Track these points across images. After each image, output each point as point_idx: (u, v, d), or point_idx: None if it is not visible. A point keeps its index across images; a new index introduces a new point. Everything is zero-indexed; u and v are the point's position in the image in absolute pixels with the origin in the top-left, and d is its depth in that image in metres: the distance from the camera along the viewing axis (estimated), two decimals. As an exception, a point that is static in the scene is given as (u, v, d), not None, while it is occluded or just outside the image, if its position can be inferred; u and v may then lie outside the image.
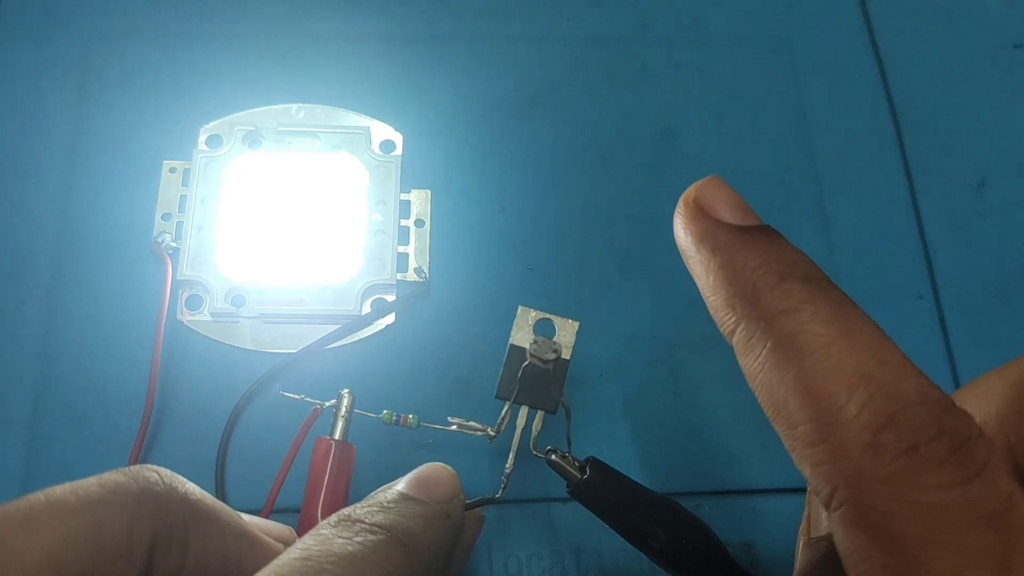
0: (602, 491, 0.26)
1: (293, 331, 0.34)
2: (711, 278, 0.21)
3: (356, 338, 0.34)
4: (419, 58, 0.40)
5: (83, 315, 0.34)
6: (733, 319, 0.20)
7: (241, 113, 0.38)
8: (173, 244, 0.35)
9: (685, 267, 0.34)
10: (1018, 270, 0.38)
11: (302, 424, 0.29)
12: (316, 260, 0.35)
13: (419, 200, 0.37)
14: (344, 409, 0.28)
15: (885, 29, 0.42)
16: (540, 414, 0.27)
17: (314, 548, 0.20)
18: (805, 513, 0.25)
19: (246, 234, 0.35)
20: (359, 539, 0.20)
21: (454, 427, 0.28)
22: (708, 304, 0.21)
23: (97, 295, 0.34)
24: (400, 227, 0.36)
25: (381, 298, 0.35)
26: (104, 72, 0.39)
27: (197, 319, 0.34)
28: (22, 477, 0.31)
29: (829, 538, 0.22)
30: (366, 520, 0.21)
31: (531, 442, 0.27)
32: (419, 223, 0.36)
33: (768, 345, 0.19)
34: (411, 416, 0.28)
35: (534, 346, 0.27)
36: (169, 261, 0.34)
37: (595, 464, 0.27)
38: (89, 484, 0.21)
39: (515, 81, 0.40)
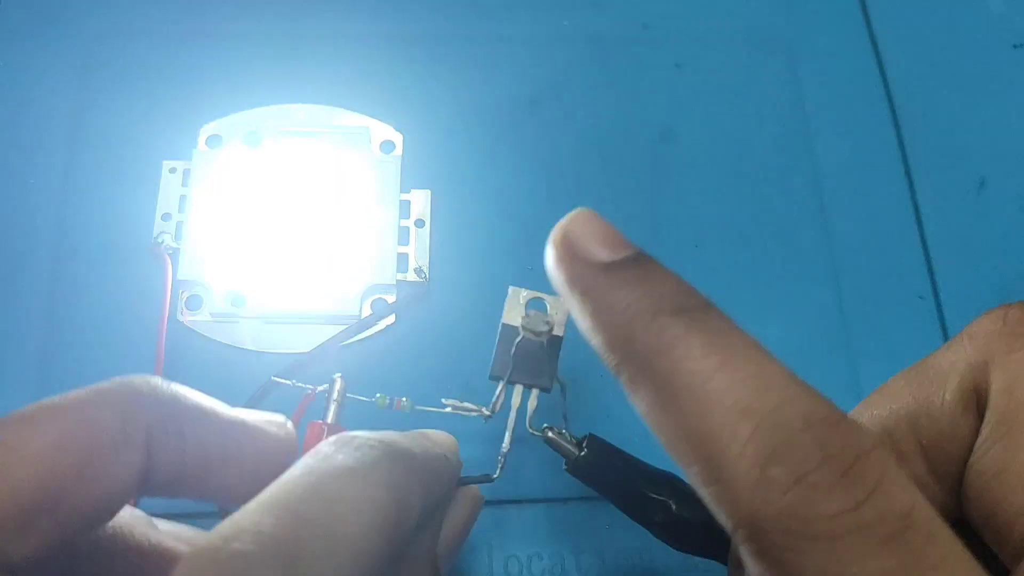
0: (601, 467, 0.26)
1: (293, 331, 0.34)
2: (587, 323, 0.20)
3: (356, 338, 0.34)
4: (419, 58, 0.40)
5: (83, 315, 0.34)
6: (615, 362, 0.19)
7: (241, 113, 0.38)
8: (173, 244, 0.35)
9: (686, 267, 0.34)
10: (1018, 270, 0.38)
11: (294, 412, 0.29)
12: (316, 260, 0.35)
13: (419, 200, 0.37)
14: (336, 393, 0.27)
15: (885, 29, 0.42)
16: (535, 393, 0.27)
17: (315, 464, 0.20)
18: None
19: (246, 234, 0.35)
20: (358, 453, 0.20)
21: (448, 409, 0.28)
22: (591, 341, 0.20)
23: (97, 295, 0.34)
24: (400, 227, 0.36)
25: (381, 298, 0.35)
26: (104, 72, 0.39)
27: (197, 319, 0.34)
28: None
29: None
30: (364, 437, 0.21)
31: (527, 420, 0.26)
32: (419, 223, 0.36)
33: (648, 387, 0.18)
34: (404, 399, 0.28)
35: (526, 319, 0.26)
36: (169, 261, 0.34)
37: (593, 440, 0.26)
38: (78, 390, 0.21)
39: (515, 81, 0.40)
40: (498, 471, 0.26)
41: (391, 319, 0.35)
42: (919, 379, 0.22)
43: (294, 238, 0.35)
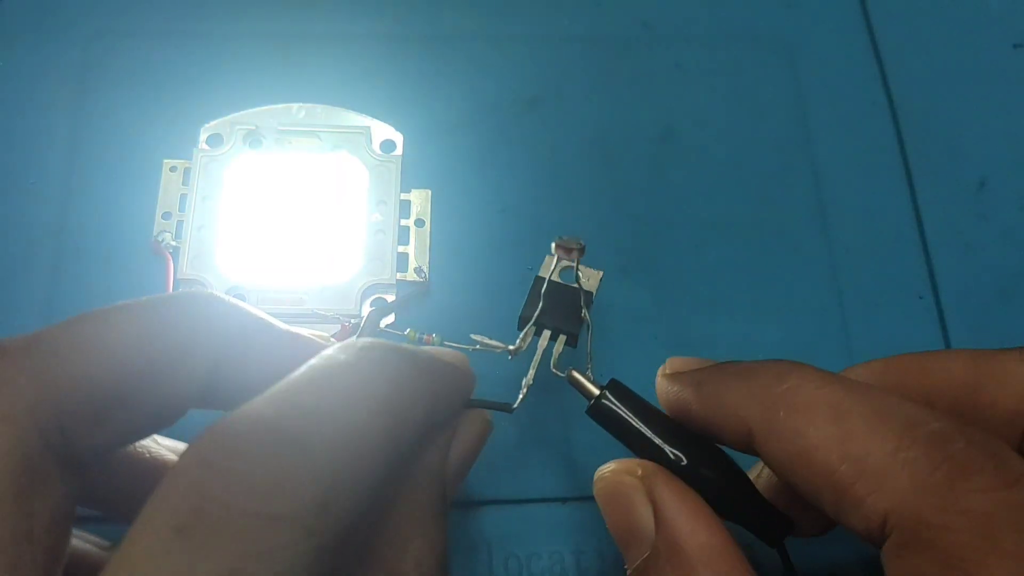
0: (620, 411, 0.26)
1: (293, 331, 0.34)
2: (706, 410, 0.24)
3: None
4: (419, 58, 0.40)
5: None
6: (744, 423, 0.22)
7: (242, 112, 0.38)
8: (173, 243, 0.35)
9: (686, 267, 0.35)
10: (1018, 270, 0.38)
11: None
12: (316, 260, 0.35)
13: (419, 200, 0.37)
14: (367, 323, 0.28)
15: (885, 29, 0.42)
16: (561, 339, 0.28)
17: (318, 361, 0.20)
18: None
19: (246, 233, 0.35)
20: (361, 352, 0.21)
21: (477, 346, 0.28)
22: (717, 430, 0.24)
23: (97, 294, 0.34)
24: (400, 227, 0.36)
25: (381, 298, 0.35)
26: (104, 72, 0.39)
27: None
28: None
29: None
30: (369, 339, 0.22)
31: (552, 362, 0.27)
32: (419, 223, 0.36)
33: (783, 426, 0.20)
34: (434, 335, 0.29)
35: (558, 240, 0.27)
36: (171, 260, 0.34)
37: (616, 384, 0.26)
38: (153, 296, 0.22)
39: (515, 81, 0.40)
40: (518, 402, 0.26)
41: (391, 319, 0.35)
42: (985, 379, 0.23)
43: (294, 237, 0.35)
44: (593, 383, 0.26)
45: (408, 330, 0.29)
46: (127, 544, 0.16)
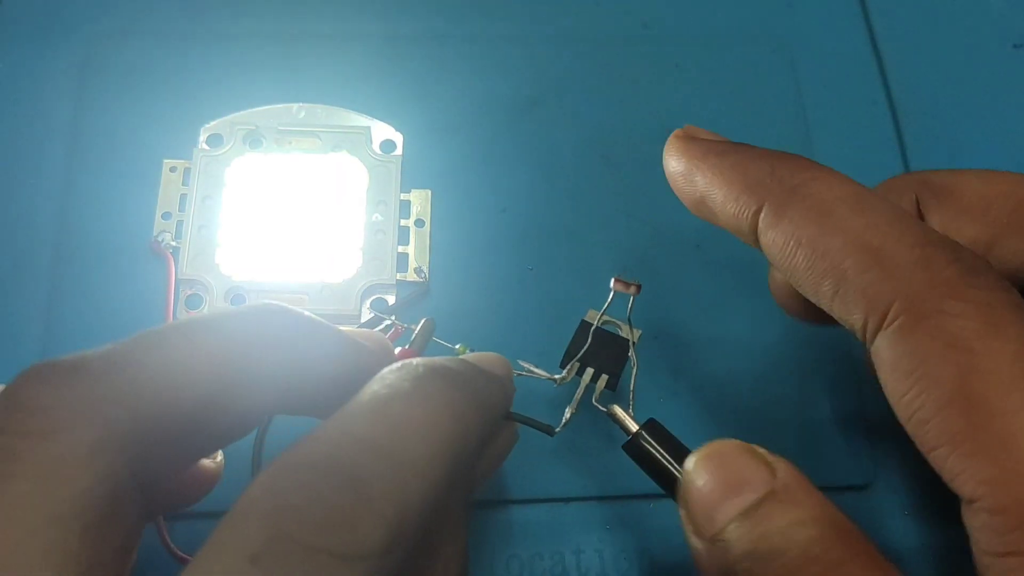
0: (655, 450, 0.26)
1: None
2: (724, 175, 0.23)
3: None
4: (419, 58, 0.40)
5: (83, 314, 0.34)
6: (755, 202, 0.22)
7: (242, 112, 0.38)
8: (173, 243, 0.35)
9: (686, 267, 0.34)
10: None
11: None
12: (316, 259, 0.35)
13: (419, 200, 0.37)
14: (423, 329, 0.29)
15: (885, 29, 0.42)
16: (604, 378, 0.29)
17: (379, 390, 0.20)
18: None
19: (246, 233, 0.35)
20: (423, 380, 0.21)
21: (523, 372, 0.29)
22: (719, 204, 0.24)
23: (97, 294, 0.34)
24: (400, 227, 0.36)
25: (381, 298, 0.35)
26: (104, 72, 0.39)
27: (197, 319, 0.34)
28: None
29: None
30: (429, 365, 0.22)
31: (594, 396, 0.29)
32: (419, 223, 0.36)
33: (803, 206, 0.21)
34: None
35: (617, 276, 0.29)
36: (171, 260, 0.34)
37: (654, 424, 0.27)
38: (227, 309, 0.24)
39: (515, 81, 0.40)
40: (560, 427, 0.27)
41: (391, 319, 0.35)
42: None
43: (294, 237, 0.35)
44: (633, 420, 0.27)
45: (459, 345, 0.29)
46: (201, 563, 0.16)
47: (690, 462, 0.24)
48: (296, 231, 0.35)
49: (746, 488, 0.22)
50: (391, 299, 0.35)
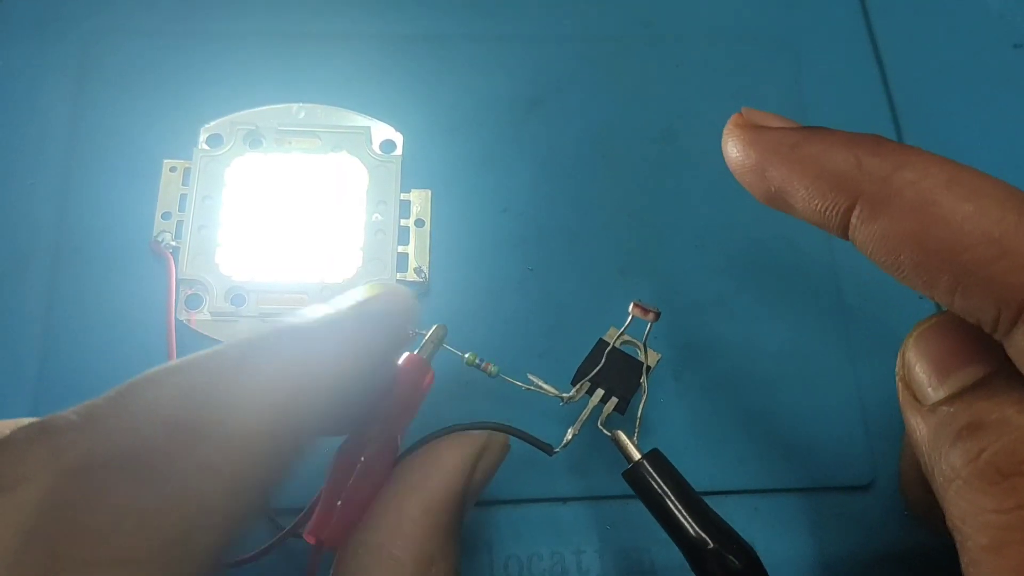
0: (656, 482, 0.26)
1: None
2: (806, 171, 0.21)
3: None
4: (419, 58, 0.40)
5: (82, 313, 0.34)
6: (846, 198, 0.20)
7: (242, 112, 0.38)
8: (173, 243, 0.35)
9: (687, 267, 0.34)
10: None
11: None
12: (316, 260, 0.35)
13: (419, 200, 0.37)
14: (433, 336, 0.29)
15: (885, 29, 0.42)
16: (613, 401, 0.29)
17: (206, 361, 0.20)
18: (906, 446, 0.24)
19: (246, 233, 0.35)
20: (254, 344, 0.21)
21: (531, 387, 0.29)
22: (808, 201, 0.21)
23: (96, 294, 0.34)
24: (400, 227, 0.36)
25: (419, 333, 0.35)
26: (104, 72, 0.39)
27: (197, 318, 0.34)
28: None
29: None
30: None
31: (600, 418, 0.28)
32: (419, 223, 0.36)
33: (902, 198, 0.19)
34: (492, 365, 0.29)
35: (636, 301, 0.28)
36: (171, 260, 0.34)
37: (657, 454, 0.27)
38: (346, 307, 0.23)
39: (515, 81, 0.40)
40: (560, 447, 0.28)
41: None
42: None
43: (294, 237, 0.35)
44: (637, 448, 0.27)
45: (468, 354, 0.29)
46: None
47: (914, 333, 0.23)
48: (296, 231, 0.35)
49: (973, 361, 0.21)
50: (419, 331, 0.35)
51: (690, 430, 0.34)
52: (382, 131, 0.38)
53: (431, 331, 0.29)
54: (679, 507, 0.26)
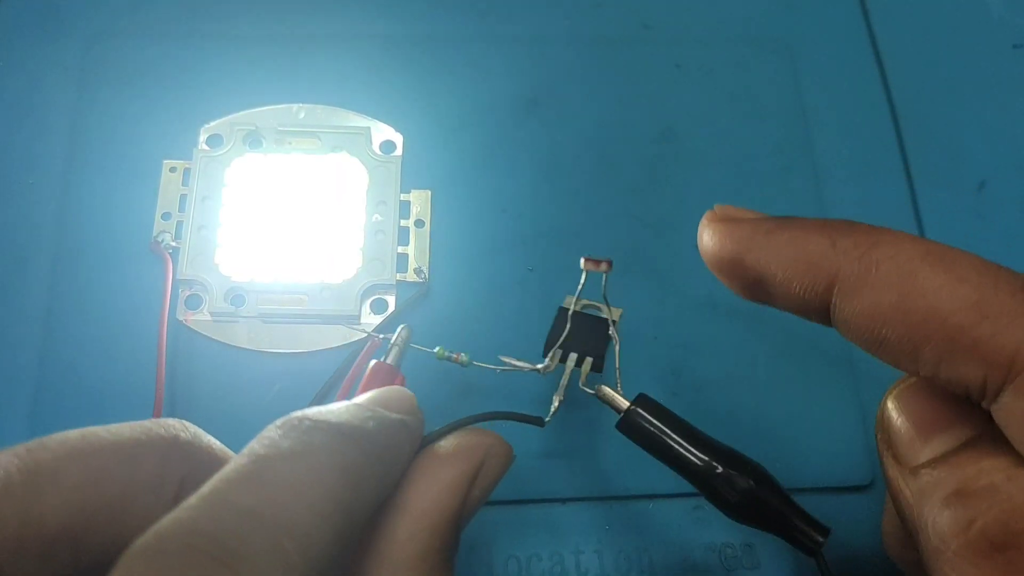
0: (650, 423, 0.26)
1: (292, 331, 0.34)
2: (783, 256, 0.21)
3: (355, 339, 0.34)
4: (419, 58, 0.40)
5: (82, 313, 0.34)
6: (824, 278, 0.21)
7: (242, 113, 0.38)
8: (173, 243, 0.35)
9: (686, 267, 0.34)
10: (1018, 270, 0.38)
11: (360, 354, 0.31)
12: (316, 260, 0.35)
13: (419, 200, 0.37)
14: (399, 340, 0.28)
15: (885, 29, 0.43)
16: (588, 360, 0.29)
17: (259, 449, 0.19)
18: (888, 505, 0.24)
19: (246, 234, 0.35)
20: (306, 436, 0.20)
21: (505, 367, 0.29)
22: (786, 285, 0.22)
23: (96, 294, 0.34)
24: (400, 227, 0.36)
25: (381, 298, 0.35)
26: (104, 72, 0.39)
27: (196, 319, 0.34)
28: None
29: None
30: (312, 418, 0.20)
31: (580, 380, 0.28)
32: (419, 223, 0.36)
33: (880, 273, 0.20)
34: (462, 354, 0.29)
35: (586, 256, 0.28)
36: (170, 260, 0.34)
37: (644, 398, 0.27)
38: (122, 425, 0.21)
39: (515, 81, 0.40)
40: (549, 416, 0.27)
41: (367, 333, 0.35)
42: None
43: (294, 238, 0.35)
44: (623, 397, 0.27)
45: (438, 348, 0.29)
46: None
47: (893, 391, 0.23)
48: (296, 232, 0.35)
49: (953, 427, 0.21)
50: (391, 299, 0.35)
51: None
52: (382, 131, 0.38)
53: (396, 334, 0.28)
54: (679, 441, 0.26)
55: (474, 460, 0.24)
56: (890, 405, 0.22)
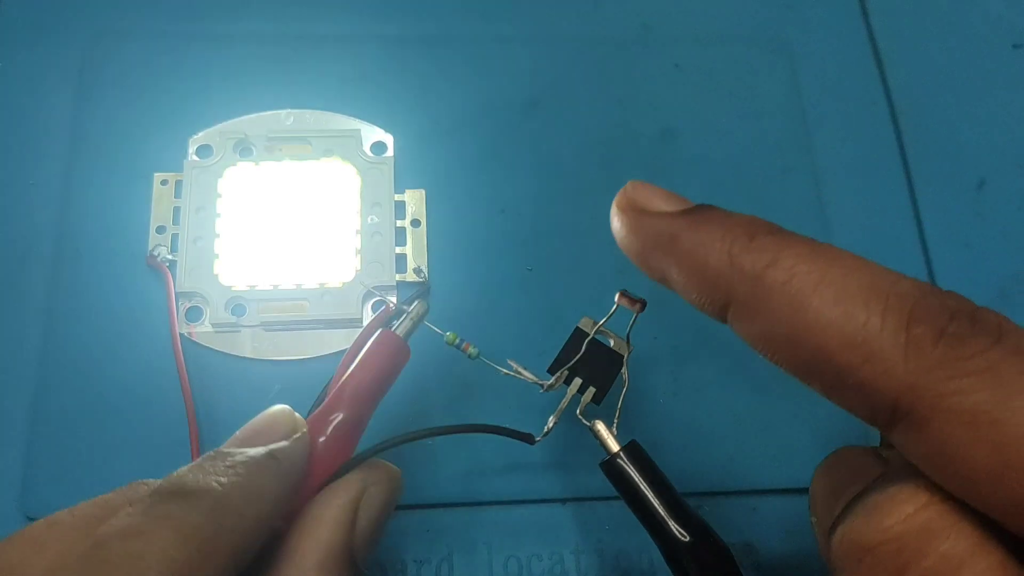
0: (632, 474, 0.27)
1: (296, 338, 0.35)
2: (683, 266, 0.22)
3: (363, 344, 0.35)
4: (408, 60, 0.41)
5: (81, 330, 0.35)
6: (721, 296, 0.21)
7: (229, 121, 0.39)
8: (169, 256, 0.35)
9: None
10: (1018, 270, 0.38)
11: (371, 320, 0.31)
12: (314, 265, 0.36)
13: (413, 200, 0.37)
14: (414, 312, 0.28)
15: (885, 29, 0.43)
16: (591, 390, 0.29)
17: (102, 537, 0.19)
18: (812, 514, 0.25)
19: (243, 243, 0.36)
20: (143, 507, 0.20)
21: (511, 372, 0.29)
22: (686, 294, 0.22)
23: (94, 310, 0.35)
24: (397, 228, 0.37)
25: (382, 300, 0.35)
26: (100, 76, 0.39)
27: (198, 331, 0.35)
28: (20, 481, 0.32)
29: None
30: (154, 486, 0.21)
31: (579, 407, 0.28)
32: (415, 223, 0.37)
33: (772, 302, 0.20)
34: (472, 346, 0.29)
35: (623, 291, 0.28)
36: (168, 274, 0.35)
37: (634, 446, 0.27)
38: (85, 505, 0.22)
39: (515, 81, 0.41)
40: (541, 436, 0.28)
41: (383, 296, 0.35)
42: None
43: (291, 244, 0.36)
44: (615, 439, 0.28)
45: (449, 333, 0.29)
46: None
47: (818, 468, 0.23)
48: (293, 238, 0.36)
49: (858, 479, 0.21)
50: (392, 300, 0.35)
51: (689, 430, 0.34)
52: (372, 134, 0.39)
53: (412, 306, 0.29)
54: (655, 500, 0.26)
55: (351, 493, 0.24)
56: (813, 479, 0.23)
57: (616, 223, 0.24)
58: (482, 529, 0.32)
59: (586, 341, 0.29)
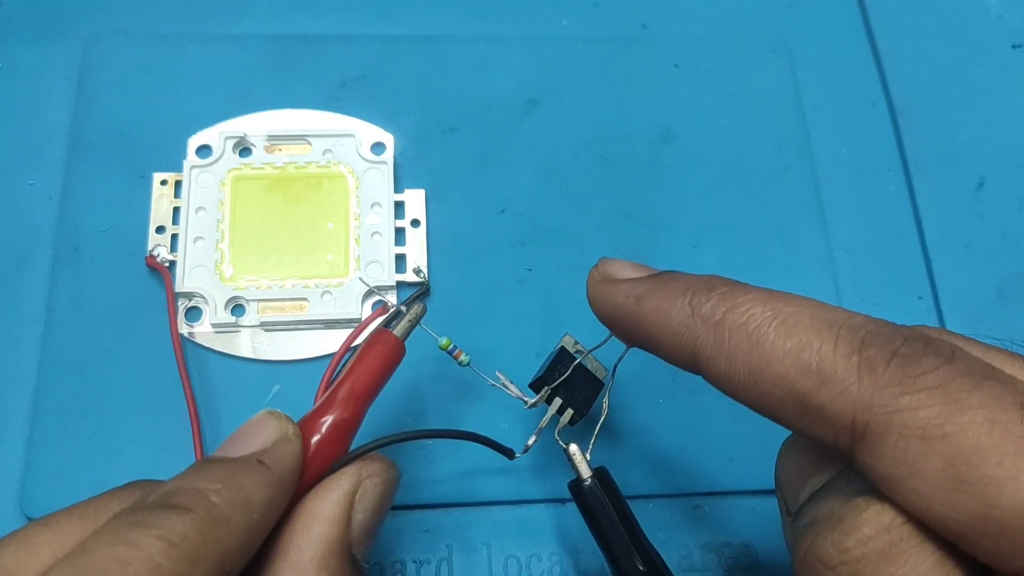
0: (599, 502, 0.28)
1: (295, 338, 0.35)
2: (650, 322, 0.24)
3: (355, 341, 0.35)
4: (413, 59, 0.41)
5: (81, 330, 0.35)
6: (687, 345, 0.23)
7: (229, 121, 0.39)
8: (169, 257, 0.36)
9: (683, 267, 0.35)
10: (1018, 270, 0.39)
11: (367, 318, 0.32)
12: (314, 265, 0.36)
13: (413, 200, 0.38)
14: (412, 314, 0.29)
15: (884, 29, 0.44)
16: (570, 412, 0.30)
17: (77, 558, 0.19)
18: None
19: (242, 243, 0.36)
20: (128, 522, 0.20)
21: (498, 384, 0.30)
22: (658, 350, 0.24)
23: (94, 310, 0.35)
24: (396, 228, 0.37)
25: (382, 300, 0.36)
26: (99, 76, 0.39)
27: (198, 331, 0.35)
28: (20, 481, 0.32)
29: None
30: (146, 489, 0.22)
31: (556, 430, 0.30)
32: (415, 223, 0.37)
33: (732, 342, 0.22)
34: (464, 354, 0.30)
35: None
36: (168, 275, 0.35)
37: (604, 474, 0.28)
38: (80, 506, 0.22)
39: (515, 81, 0.41)
40: (521, 452, 0.29)
41: (382, 296, 0.36)
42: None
43: (290, 244, 0.36)
44: (588, 464, 0.28)
45: (445, 339, 0.30)
46: None
47: (783, 446, 0.25)
48: (292, 238, 0.36)
49: (821, 466, 0.22)
50: (392, 300, 0.36)
51: (688, 430, 0.35)
52: (372, 133, 0.39)
53: (411, 310, 0.29)
54: (616, 530, 0.27)
55: (346, 485, 0.24)
56: (779, 458, 0.24)
57: (591, 293, 0.27)
58: (482, 529, 0.33)
59: (572, 366, 0.30)
